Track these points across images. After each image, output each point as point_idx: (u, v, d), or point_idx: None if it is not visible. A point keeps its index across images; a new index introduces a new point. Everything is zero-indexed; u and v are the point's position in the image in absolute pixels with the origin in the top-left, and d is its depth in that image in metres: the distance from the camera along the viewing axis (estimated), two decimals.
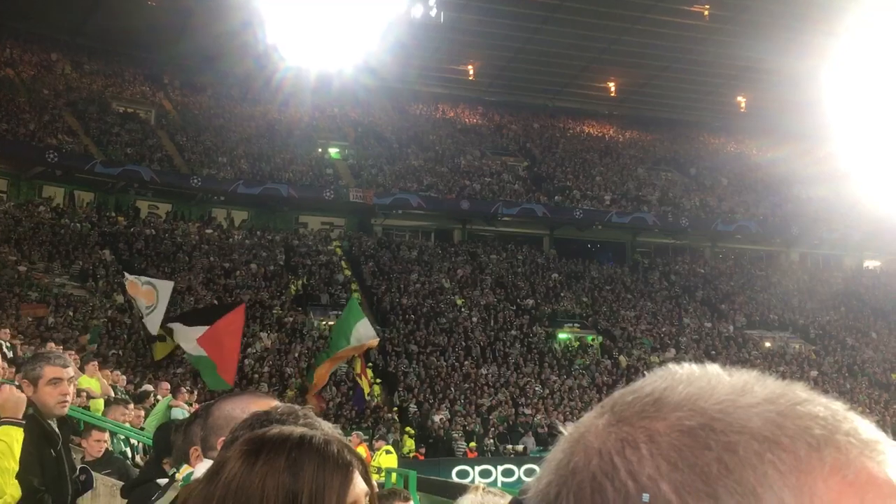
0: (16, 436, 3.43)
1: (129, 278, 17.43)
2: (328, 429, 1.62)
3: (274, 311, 30.10)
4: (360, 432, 19.29)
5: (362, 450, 16.16)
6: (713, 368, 0.59)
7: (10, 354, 12.57)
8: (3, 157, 32.91)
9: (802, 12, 36.71)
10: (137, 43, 40.04)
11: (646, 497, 0.52)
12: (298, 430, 1.24)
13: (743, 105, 49.86)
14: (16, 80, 37.37)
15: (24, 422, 3.47)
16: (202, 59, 39.80)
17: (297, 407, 1.76)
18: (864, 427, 0.55)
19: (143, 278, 18.03)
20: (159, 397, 12.29)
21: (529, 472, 22.99)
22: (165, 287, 17.39)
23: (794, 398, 0.55)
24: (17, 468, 3.45)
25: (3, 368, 10.49)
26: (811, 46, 36.31)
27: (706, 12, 40.48)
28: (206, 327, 12.26)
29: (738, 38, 40.35)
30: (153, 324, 17.06)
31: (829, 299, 40.75)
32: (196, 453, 2.77)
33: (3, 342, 13.32)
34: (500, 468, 23.87)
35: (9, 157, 33.04)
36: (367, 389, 23.57)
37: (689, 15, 40.58)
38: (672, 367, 0.60)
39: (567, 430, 0.59)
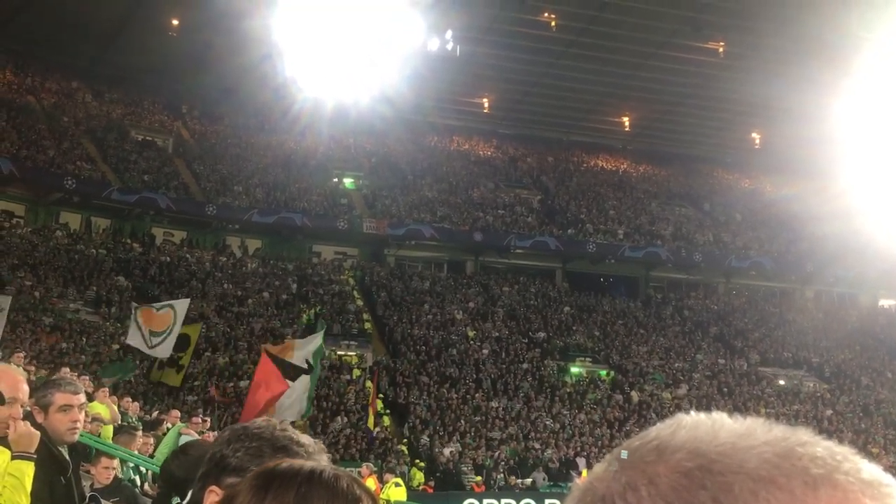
0: (27, 471, 3.44)
1: (142, 308, 17.56)
2: (306, 441, 1.64)
3: (285, 340, 30.04)
4: (371, 464, 19.17)
5: (372, 481, 16.05)
6: (719, 415, 0.60)
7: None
8: (23, 183, 33.30)
9: (817, 50, 36.81)
10: (157, 73, 40.61)
11: None
12: (308, 464, 1.25)
13: (757, 141, 49.83)
14: (37, 108, 37.92)
15: (35, 456, 3.49)
16: (221, 90, 40.27)
17: (273, 421, 1.77)
18: (868, 468, 0.55)
19: (158, 304, 18.19)
20: (169, 425, 12.26)
21: None
22: (182, 305, 17.55)
23: (796, 440, 0.56)
24: (28, 503, 3.46)
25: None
26: (825, 84, 36.32)
27: (721, 49, 40.66)
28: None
29: (753, 75, 40.43)
30: (166, 348, 17.14)
31: (844, 338, 40.33)
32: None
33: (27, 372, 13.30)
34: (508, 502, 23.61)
35: (28, 182, 33.44)
36: (372, 420, 23.47)
37: (703, 51, 40.78)
38: (680, 415, 0.61)
39: (580, 481, 0.63)
